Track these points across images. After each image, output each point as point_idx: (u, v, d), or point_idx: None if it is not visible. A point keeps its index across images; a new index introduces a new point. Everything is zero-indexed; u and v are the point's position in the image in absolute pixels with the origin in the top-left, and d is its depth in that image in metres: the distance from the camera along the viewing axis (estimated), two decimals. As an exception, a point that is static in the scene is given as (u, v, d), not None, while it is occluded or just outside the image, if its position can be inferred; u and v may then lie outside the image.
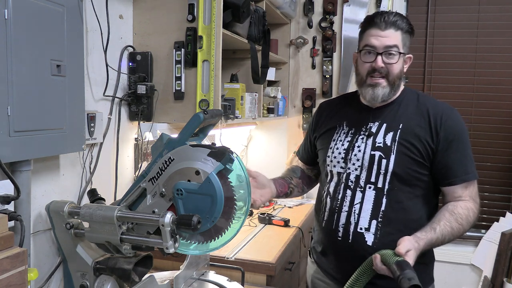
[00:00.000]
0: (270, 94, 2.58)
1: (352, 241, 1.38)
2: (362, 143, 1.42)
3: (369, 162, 1.39)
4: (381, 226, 1.36)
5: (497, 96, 3.06)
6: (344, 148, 1.45)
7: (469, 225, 1.35)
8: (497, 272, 2.68)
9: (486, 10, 3.04)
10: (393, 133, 1.39)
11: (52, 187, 1.33)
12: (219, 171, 1.05)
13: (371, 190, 1.38)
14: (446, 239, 1.32)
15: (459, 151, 1.37)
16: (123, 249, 1.09)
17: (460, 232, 1.34)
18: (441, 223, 1.32)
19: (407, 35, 1.41)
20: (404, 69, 1.43)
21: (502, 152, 3.00)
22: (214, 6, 1.58)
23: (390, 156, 1.37)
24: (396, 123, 1.40)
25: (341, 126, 1.50)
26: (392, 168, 1.36)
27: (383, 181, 1.37)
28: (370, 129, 1.43)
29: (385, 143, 1.38)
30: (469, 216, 1.35)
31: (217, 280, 1.43)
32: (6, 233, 0.97)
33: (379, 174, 1.37)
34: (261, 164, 3.05)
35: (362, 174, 1.40)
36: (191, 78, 1.64)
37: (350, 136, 1.46)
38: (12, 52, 1.03)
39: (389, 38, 1.37)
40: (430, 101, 1.44)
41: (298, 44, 2.83)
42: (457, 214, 1.34)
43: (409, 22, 1.42)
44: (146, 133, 1.72)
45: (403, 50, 1.39)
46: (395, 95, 1.44)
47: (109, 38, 1.49)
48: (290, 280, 2.02)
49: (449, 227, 1.32)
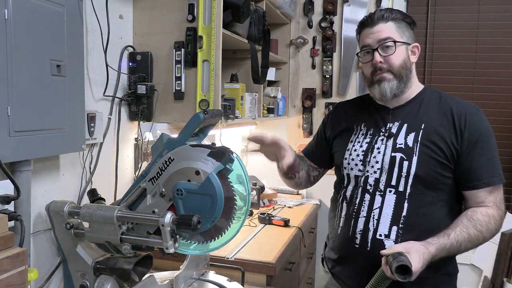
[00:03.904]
0: (270, 94, 2.58)
1: (370, 248, 1.30)
2: (382, 145, 1.35)
3: (390, 164, 1.31)
4: (402, 232, 1.28)
5: (497, 96, 3.06)
6: (362, 150, 1.38)
7: (490, 233, 1.27)
8: (497, 272, 2.68)
9: (486, 10, 3.04)
10: (415, 133, 1.32)
11: (52, 187, 1.33)
12: (219, 171, 1.05)
13: (392, 194, 1.30)
14: (462, 246, 1.24)
15: (484, 152, 1.29)
16: (123, 249, 1.09)
17: (479, 239, 1.26)
18: (457, 229, 1.25)
19: (404, 24, 1.36)
20: (411, 59, 1.37)
21: (502, 152, 3.00)
22: (214, 6, 1.58)
23: (412, 157, 1.29)
24: (418, 123, 1.33)
25: (359, 127, 1.43)
26: (415, 171, 1.28)
27: (405, 184, 1.29)
28: (390, 130, 1.35)
29: (406, 144, 1.31)
30: (490, 223, 1.26)
31: (217, 280, 1.43)
32: (6, 233, 0.97)
33: (401, 177, 1.30)
34: (261, 164, 3.04)
35: (382, 177, 1.32)
36: (191, 78, 1.64)
37: (369, 137, 1.39)
38: (12, 52, 1.03)
39: (380, 32, 1.34)
40: (453, 100, 1.37)
41: (298, 44, 2.83)
42: (476, 220, 1.26)
43: (402, 12, 1.38)
44: (146, 133, 1.72)
45: (402, 39, 1.34)
46: (408, 88, 1.37)
47: (109, 38, 1.49)
48: (290, 280, 2.02)
49: (466, 234, 1.24)
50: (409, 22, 1.39)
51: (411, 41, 1.38)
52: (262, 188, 2.64)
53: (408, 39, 1.37)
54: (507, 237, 2.64)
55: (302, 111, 2.91)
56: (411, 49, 1.38)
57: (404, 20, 1.37)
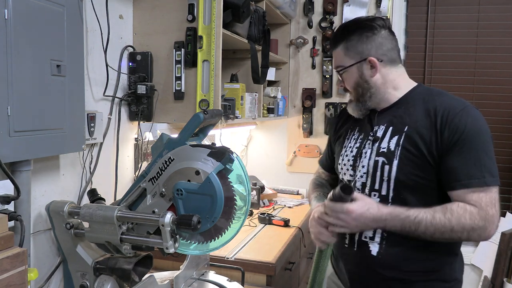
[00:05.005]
0: (270, 94, 2.58)
1: (357, 249, 1.33)
2: (368, 149, 1.34)
3: (373, 168, 1.30)
4: (386, 235, 1.28)
5: (497, 96, 3.07)
6: (352, 155, 1.38)
7: (461, 226, 1.17)
8: (497, 272, 2.68)
9: (486, 10, 3.04)
10: (398, 136, 1.28)
11: (52, 187, 1.33)
12: (219, 171, 1.05)
13: (376, 198, 1.29)
14: (422, 226, 1.18)
15: (464, 152, 1.20)
16: (123, 249, 1.09)
17: (445, 227, 1.17)
18: (424, 209, 1.20)
19: (356, 39, 1.32)
20: (367, 74, 1.32)
21: (502, 152, 3.00)
22: (214, 6, 1.58)
23: (393, 161, 1.27)
24: (402, 126, 1.29)
25: (353, 132, 1.43)
26: (395, 175, 1.26)
27: (387, 188, 1.28)
28: (376, 134, 1.34)
29: (389, 148, 1.29)
30: (463, 216, 1.17)
31: (217, 280, 1.42)
32: (6, 233, 0.97)
33: (383, 181, 1.29)
34: (261, 164, 3.05)
35: (367, 181, 1.32)
36: (191, 78, 1.64)
37: (359, 142, 1.38)
38: (12, 52, 1.03)
39: (335, 59, 1.41)
40: (441, 97, 1.28)
41: (298, 44, 2.83)
42: (448, 209, 1.19)
43: (358, 22, 1.35)
44: (146, 133, 1.72)
45: (351, 61, 1.33)
46: (383, 95, 1.34)
47: (109, 38, 1.49)
48: (290, 280, 2.02)
49: (431, 216, 1.18)
50: (362, 32, 1.32)
51: (365, 55, 1.32)
52: (262, 188, 2.65)
53: (359, 55, 1.33)
54: (507, 237, 2.64)
55: (302, 111, 2.91)
56: (360, 66, 1.33)
57: (356, 33, 1.33)
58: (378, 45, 1.32)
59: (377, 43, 1.32)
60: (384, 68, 1.33)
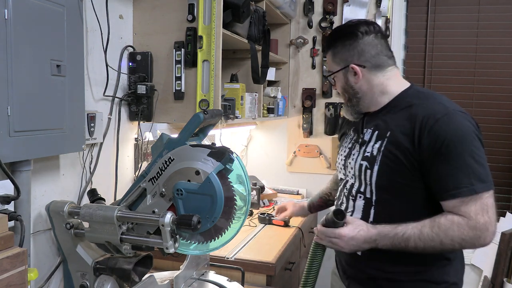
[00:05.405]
0: (270, 94, 2.58)
1: None
2: (356, 151, 1.37)
3: (359, 171, 1.33)
4: None
5: (497, 96, 3.06)
6: (344, 156, 1.43)
7: (450, 239, 1.16)
8: (497, 272, 2.68)
9: (486, 10, 3.04)
10: (380, 142, 1.29)
11: (52, 187, 1.33)
12: (219, 171, 1.05)
13: (361, 199, 1.33)
14: (411, 241, 1.19)
15: (450, 160, 1.17)
16: (123, 249, 1.09)
17: (434, 241, 1.17)
18: (412, 224, 1.20)
19: (340, 45, 1.34)
20: (352, 80, 1.34)
21: (502, 152, 3.00)
22: (214, 6, 1.58)
23: (374, 166, 1.28)
24: (385, 131, 1.29)
25: (349, 132, 1.47)
26: (375, 180, 1.28)
27: (370, 192, 1.31)
28: (364, 137, 1.36)
29: (372, 153, 1.30)
30: (451, 229, 1.16)
31: (217, 280, 1.43)
32: (6, 233, 0.97)
33: (366, 184, 1.31)
34: (261, 164, 3.05)
35: (355, 183, 1.36)
36: (191, 78, 1.64)
37: (351, 143, 1.42)
38: (12, 52, 1.03)
39: (327, 63, 1.44)
40: (426, 102, 1.26)
41: (298, 44, 2.83)
42: (436, 222, 1.18)
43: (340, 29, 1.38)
44: (146, 133, 1.72)
45: (337, 67, 1.36)
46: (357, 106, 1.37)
47: (109, 38, 1.49)
48: (290, 280, 2.02)
49: (418, 231, 1.18)
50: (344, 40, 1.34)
51: (348, 62, 1.33)
52: (262, 188, 2.64)
53: (344, 62, 1.34)
54: (507, 237, 2.64)
55: (302, 111, 2.91)
56: (349, 70, 1.34)
57: (339, 41, 1.35)
58: (360, 52, 1.32)
59: (359, 50, 1.32)
60: (369, 74, 1.33)
